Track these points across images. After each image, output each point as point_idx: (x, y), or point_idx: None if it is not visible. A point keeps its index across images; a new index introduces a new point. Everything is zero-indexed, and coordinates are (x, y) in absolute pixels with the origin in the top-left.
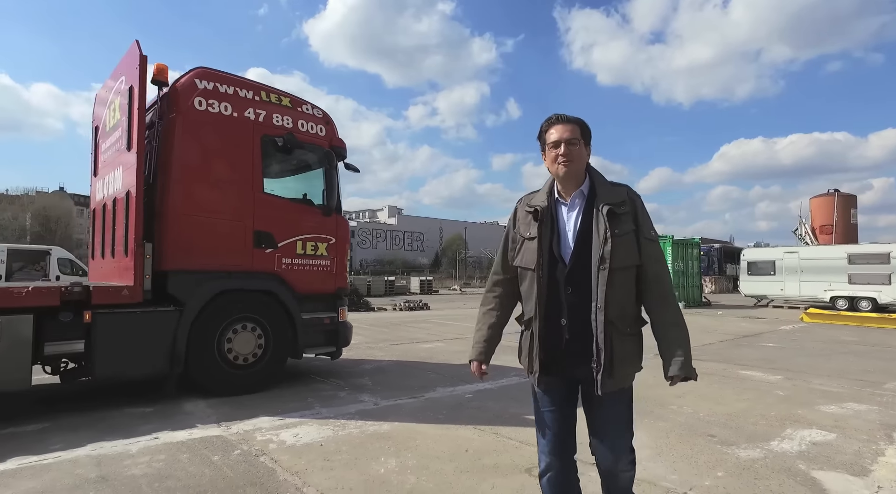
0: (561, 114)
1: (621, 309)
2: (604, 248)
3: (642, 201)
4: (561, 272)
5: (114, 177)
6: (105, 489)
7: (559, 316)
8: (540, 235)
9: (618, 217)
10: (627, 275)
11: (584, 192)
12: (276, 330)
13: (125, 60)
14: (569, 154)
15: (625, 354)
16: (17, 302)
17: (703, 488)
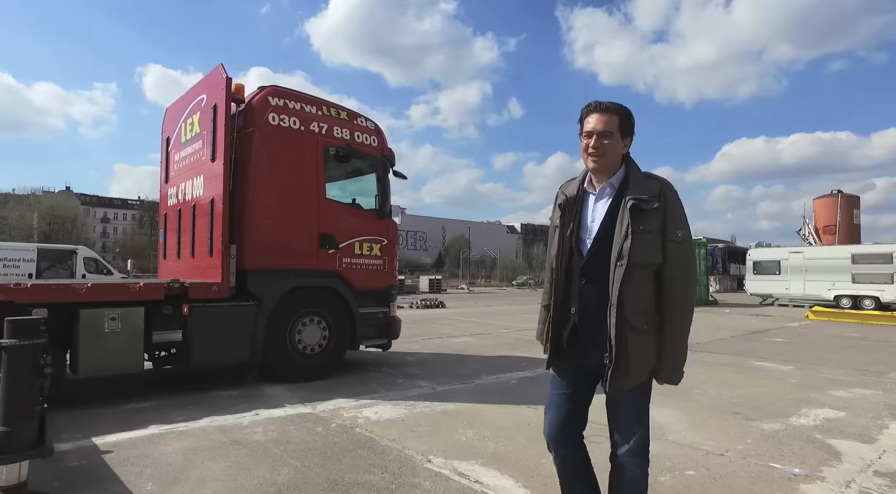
0: (601, 102)
1: (638, 307)
2: (623, 244)
3: (677, 197)
4: (577, 262)
5: (193, 184)
6: (242, 449)
7: (570, 306)
8: (562, 224)
9: (643, 213)
10: (647, 274)
11: (614, 184)
12: (337, 323)
13: (207, 80)
14: (599, 147)
15: (640, 352)
16: (131, 296)
17: (737, 451)
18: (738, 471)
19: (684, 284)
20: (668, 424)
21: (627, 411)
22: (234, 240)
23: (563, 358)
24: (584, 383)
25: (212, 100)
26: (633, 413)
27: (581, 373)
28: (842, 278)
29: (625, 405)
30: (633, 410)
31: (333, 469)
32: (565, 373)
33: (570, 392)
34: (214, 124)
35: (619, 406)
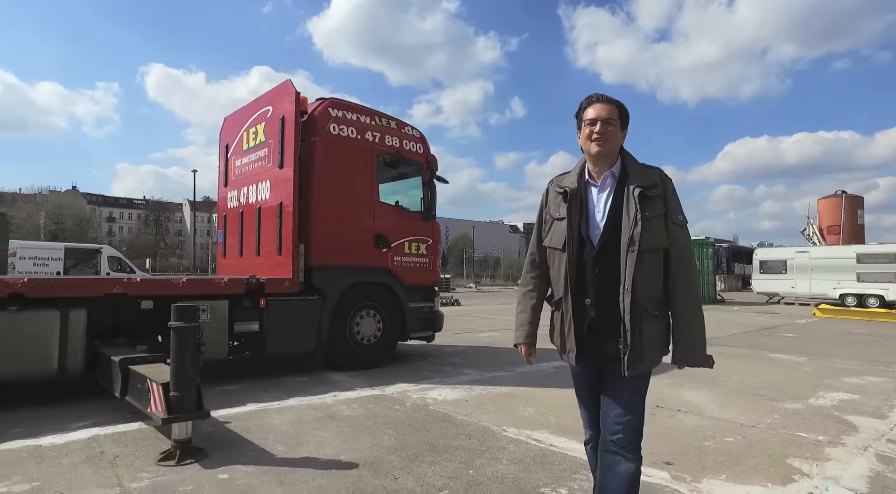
0: (602, 95)
1: (649, 292)
2: (633, 230)
3: (673, 185)
4: (588, 253)
5: (257, 188)
6: (339, 421)
7: (585, 296)
8: (569, 216)
9: (649, 199)
10: (656, 258)
11: (615, 174)
12: (390, 316)
13: (273, 93)
14: (604, 133)
15: (653, 336)
16: (218, 290)
17: (766, 424)
18: (769, 438)
19: (692, 264)
20: (701, 404)
21: (625, 399)
22: (301, 240)
23: (587, 351)
24: (604, 372)
25: (279, 111)
26: (631, 401)
27: (600, 362)
28: (847, 277)
29: (624, 393)
30: (631, 398)
31: (426, 436)
32: (589, 367)
33: (596, 384)
34: (283, 134)
35: (618, 393)
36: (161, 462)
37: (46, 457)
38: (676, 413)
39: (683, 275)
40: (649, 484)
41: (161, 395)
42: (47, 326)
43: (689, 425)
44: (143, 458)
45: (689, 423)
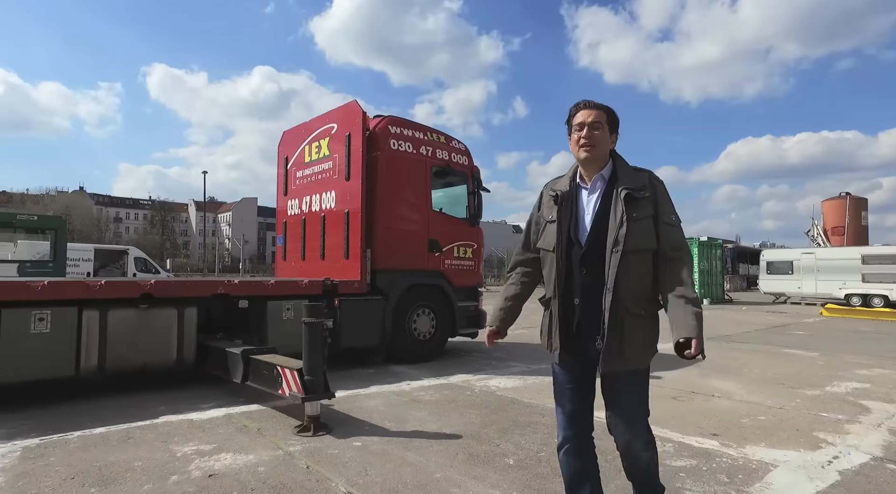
0: (589, 101)
1: (633, 291)
2: (619, 231)
3: (664, 187)
4: (576, 254)
5: (321, 198)
6: (424, 404)
7: (573, 297)
8: (559, 218)
9: (636, 201)
10: (642, 259)
11: (604, 177)
12: (442, 314)
13: (339, 112)
14: (591, 137)
15: (636, 335)
16: (300, 291)
17: (791, 406)
18: (796, 417)
19: (686, 263)
20: (731, 390)
21: (627, 395)
22: (367, 246)
23: (570, 350)
24: (590, 376)
25: (345, 129)
26: (634, 397)
27: (585, 364)
28: (852, 278)
29: (625, 389)
30: (633, 394)
31: (505, 415)
32: (573, 366)
33: (579, 384)
34: (349, 149)
35: (618, 391)
36: (300, 434)
37: (204, 428)
38: (711, 398)
39: (676, 274)
40: (704, 450)
41: (296, 379)
42: (168, 322)
43: (724, 407)
44: (282, 431)
45: (723, 405)
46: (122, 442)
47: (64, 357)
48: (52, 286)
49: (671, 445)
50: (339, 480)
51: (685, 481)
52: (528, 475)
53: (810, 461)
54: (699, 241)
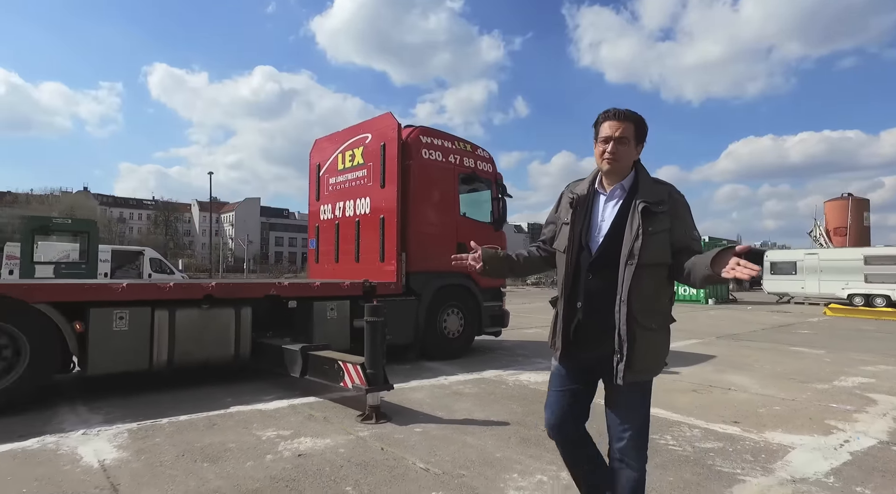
0: (619, 110)
1: (646, 305)
2: (634, 244)
3: (686, 202)
4: (585, 259)
5: (355, 203)
6: (466, 396)
7: (577, 300)
8: (573, 222)
9: (653, 215)
10: (656, 273)
11: (624, 187)
12: (469, 314)
13: (373, 123)
14: (616, 152)
15: (647, 349)
16: (342, 292)
17: (802, 398)
18: (808, 407)
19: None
20: (745, 384)
21: (626, 407)
22: (401, 249)
23: (569, 352)
24: (588, 378)
25: (379, 139)
26: (632, 409)
27: (584, 368)
28: (855, 278)
29: (624, 401)
30: (631, 407)
31: (537, 406)
32: (570, 368)
33: (572, 388)
34: (384, 159)
35: (618, 403)
36: (363, 422)
37: (275, 416)
38: (728, 391)
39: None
40: (728, 435)
41: (359, 372)
42: (227, 321)
43: (741, 398)
44: (346, 419)
45: (740, 397)
46: (207, 428)
47: (140, 352)
48: (130, 288)
49: (698, 430)
50: (414, 458)
51: (715, 459)
52: None
53: (824, 444)
54: (706, 242)
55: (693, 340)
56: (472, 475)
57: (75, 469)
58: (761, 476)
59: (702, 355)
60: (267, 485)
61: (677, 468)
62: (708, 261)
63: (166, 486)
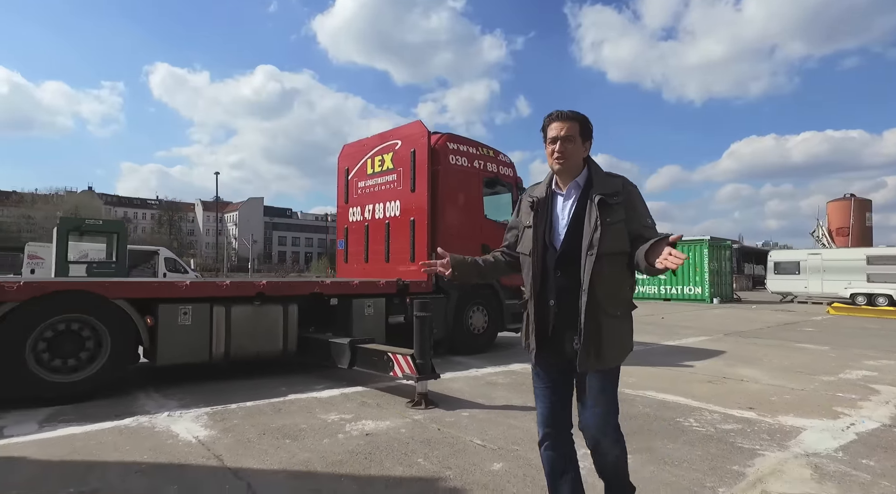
0: (562, 111)
1: (608, 292)
2: (593, 235)
3: (639, 192)
4: (552, 257)
5: (385, 206)
6: (500, 386)
7: (548, 298)
8: (535, 224)
9: (610, 206)
10: (616, 261)
11: (579, 184)
12: (493, 311)
13: (404, 130)
14: (563, 151)
15: (612, 335)
16: (378, 290)
17: (810, 388)
18: (816, 396)
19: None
20: (756, 376)
21: (599, 394)
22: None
23: (546, 349)
24: (566, 372)
25: (409, 146)
26: (604, 396)
27: (561, 362)
28: (857, 278)
29: (598, 386)
30: (604, 393)
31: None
32: (548, 364)
33: (555, 383)
34: (414, 164)
35: (591, 388)
36: (414, 407)
37: (332, 403)
38: (741, 382)
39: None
40: (745, 418)
41: (409, 363)
42: (276, 316)
43: (753, 388)
44: (397, 405)
45: (753, 387)
46: (275, 412)
47: (201, 344)
48: (193, 286)
49: (717, 415)
50: (470, 437)
51: (735, 438)
52: None
53: (832, 426)
54: (709, 243)
55: (702, 337)
56: (524, 450)
57: (177, 443)
58: (778, 452)
59: (712, 350)
60: (348, 457)
61: (703, 444)
62: (643, 253)
63: (262, 457)
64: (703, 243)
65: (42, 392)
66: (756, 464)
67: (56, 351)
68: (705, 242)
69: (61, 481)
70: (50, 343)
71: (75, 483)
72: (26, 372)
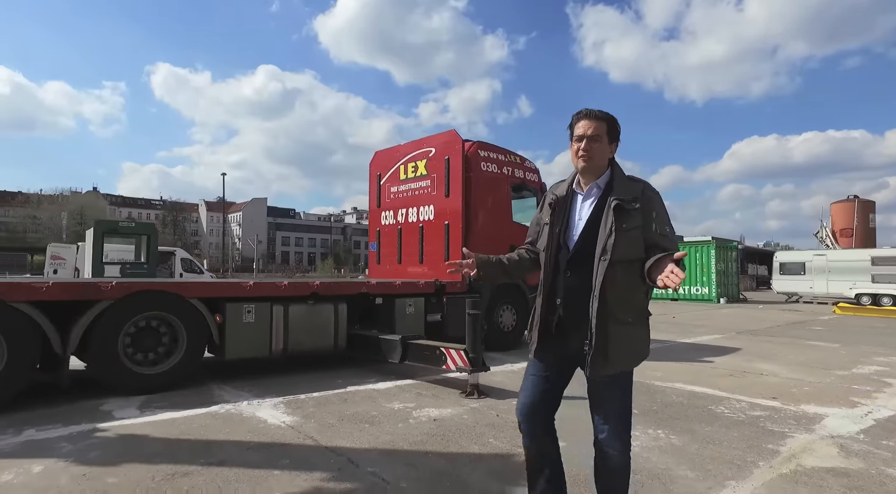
0: (591, 110)
1: (620, 298)
2: (607, 240)
3: (660, 198)
4: (564, 257)
5: (418, 210)
6: None
7: (556, 296)
8: (552, 222)
9: (626, 212)
10: (631, 268)
11: (600, 185)
12: (520, 310)
13: (437, 139)
14: (589, 150)
15: (621, 341)
16: (418, 290)
17: (826, 382)
18: (833, 388)
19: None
20: (774, 370)
21: (608, 397)
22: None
23: (546, 344)
24: (563, 367)
25: (443, 153)
26: (611, 401)
27: (561, 358)
28: (862, 278)
29: (603, 393)
30: (610, 398)
31: None
32: (546, 358)
33: (547, 374)
34: (448, 171)
35: (600, 392)
36: (467, 397)
37: (391, 393)
38: (761, 376)
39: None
40: (770, 406)
41: (462, 356)
42: (328, 315)
43: (774, 381)
44: (451, 396)
45: (773, 380)
46: (342, 402)
47: (263, 340)
48: (255, 286)
49: (745, 403)
50: None
51: (765, 422)
52: (658, 417)
53: (851, 413)
54: (716, 244)
55: (716, 335)
56: (580, 432)
57: (269, 427)
58: (805, 434)
59: (728, 347)
60: (427, 439)
61: (737, 427)
62: (648, 266)
63: (350, 438)
64: (711, 244)
65: (131, 382)
66: (788, 444)
67: (138, 346)
68: (712, 243)
69: (190, 454)
70: (133, 338)
71: (204, 456)
72: (119, 364)
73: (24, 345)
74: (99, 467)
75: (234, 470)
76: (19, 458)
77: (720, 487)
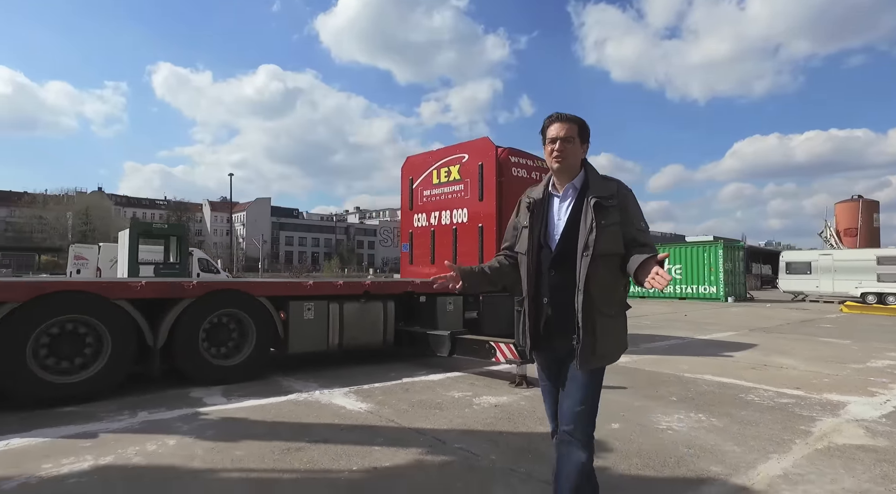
0: (561, 113)
1: (603, 292)
2: (588, 237)
3: (633, 195)
4: (546, 257)
5: (451, 213)
6: None
7: (543, 296)
8: (531, 225)
9: (605, 209)
10: (610, 262)
11: (576, 186)
12: None
13: (470, 145)
14: (563, 150)
15: (607, 333)
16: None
17: (843, 374)
18: (851, 380)
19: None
20: (792, 364)
21: (577, 392)
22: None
23: (540, 346)
24: (562, 367)
25: (476, 159)
26: (583, 394)
27: (556, 359)
28: (868, 277)
29: (577, 386)
30: (583, 391)
31: (641, 377)
32: (546, 361)
33: (556, 379)
34: (482, 176)
35: (570, 387)
36: (517, 387)
37: (445, 384)
38: (781, 369)
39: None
40: (795, 395)
41: (512, 350)
42: (378, 312)
43: (794, 374)
44: (501, 386)
45: (793, 373)
46: (405, 391)
47: (321, 336)
48: (315, 285)
49: (772, 392)
50: None
51: (794, 408)
52: (696, 403)
53: (871, 401)
54: (723, 244)
55: (730, 332)
56: (629, 415)
57: (350, 412)
58: (832, 418)
59: (744, 343)
60: (496, 421)
61: (769, 412)
62: (634, 268)
63: (427, 421)
64: (719, 244)
65: (211, 374)
66: (817, 425)
67: (212, 341)
68: (720, 243)
69: (294, 433)
70: (208, 333)
71: (306, 435)
72: (200, 357)
73: (125, 338)
74: (222, 442)
75: (338, 446)
76: (148, 434)
77: (765, 459)
